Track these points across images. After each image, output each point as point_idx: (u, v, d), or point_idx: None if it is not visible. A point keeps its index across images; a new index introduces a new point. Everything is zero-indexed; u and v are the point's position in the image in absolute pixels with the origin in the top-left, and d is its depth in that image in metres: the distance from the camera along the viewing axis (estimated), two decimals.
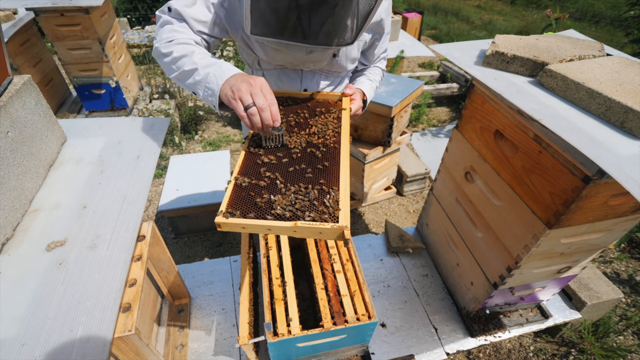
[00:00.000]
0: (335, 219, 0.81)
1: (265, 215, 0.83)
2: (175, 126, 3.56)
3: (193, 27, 1.07)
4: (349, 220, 0.81)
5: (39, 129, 1.17)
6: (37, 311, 0.83)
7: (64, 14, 2.70)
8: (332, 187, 0.90)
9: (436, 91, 4.16)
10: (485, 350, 1.92)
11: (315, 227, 0.79)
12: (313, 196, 0.86)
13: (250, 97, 0.89)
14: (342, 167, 0.96)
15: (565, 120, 1.03)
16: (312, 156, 0.99)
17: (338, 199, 0.86)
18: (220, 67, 0.96)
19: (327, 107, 1.19)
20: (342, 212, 0.83)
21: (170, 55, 1.01)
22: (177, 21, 1.06)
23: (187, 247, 2.52)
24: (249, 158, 0.99)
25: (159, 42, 1.04)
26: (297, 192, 0.88)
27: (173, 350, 1.51)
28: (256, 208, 0.84)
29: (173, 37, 1.03)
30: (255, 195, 0.87)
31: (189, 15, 1.05)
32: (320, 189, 0.89)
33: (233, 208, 0.85)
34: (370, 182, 2.67)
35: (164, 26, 1.06)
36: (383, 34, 1.28)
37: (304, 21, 0.95)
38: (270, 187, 0.90)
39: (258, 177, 0.92)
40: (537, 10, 8.22)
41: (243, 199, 0.87)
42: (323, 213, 0.82)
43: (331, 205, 0.84)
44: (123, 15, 6.26)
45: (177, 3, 1.05)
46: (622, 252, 2.50)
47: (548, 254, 1.30)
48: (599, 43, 1.35)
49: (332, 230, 0.79)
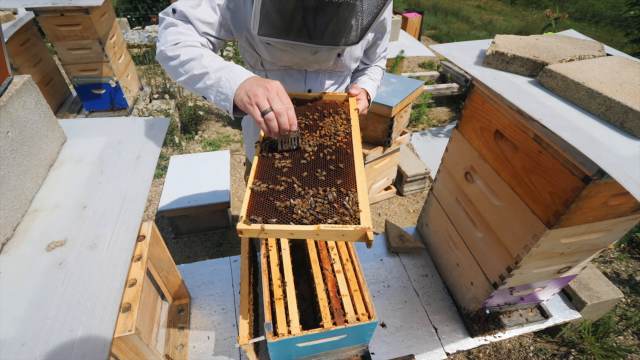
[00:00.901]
0: (356, 220, 0.81)
1: (287, 220, 0.82)
2: (175, 126, 3.56)
3: (199, 28, 1.05)
4: (371, 221, 0.81)
5: (39, 129, 1.17)
6: (37, 311, 0.83)
7: (64, 14, 2.70)
8: (350, 188, 0.89)
9: (436, 91, 4.16)
10: (485, 350, 1.92)
11: (338, 230, 0.79)
12: (332, 198, 0.86)
13: (267, 102, 0.88)
14: (357, 168, 0.95)
15: (565, 120, 1.03)
16: (326, 158, 0.98)
17: (357, 201, 0.86)
18: (232, 70, 0.94)
19: (334, 108, 1.19)
20: (363, 213, 0.83)
21: (178, 58, 0.99)
22: (183, 23, 1.04)
23: (187, 247, 2.52)
24: (263, 162, 0.98)
25: (164, 45, 1.01)
26: (316, 195, 0.87)
27: (173, 350, 1.51)
28: (277, 213, 0.84)
29: (179, 39, 1.00)
30: (275, 199, 0.86)
31: (195, 16, 1.03)
32: (339, 191, 0.88)
33: (254, 214, 0.84)
34: (370, 182, 2.67)
35: (168, 28, 1.04)
36: (385, 33, 1.28)
37: (309, 21, 0.95)
38: (289, 191, 0.89)
39: (275, 182, 0.91)
40: (537, 10, 8.22)
41: (262, 204, 0.86)
42: (344, 215, 0.82)
43: (351, 207, 0.84)
44: (123, 15, 6.26)
45: (182, 4, 1.03)
46: (622, 252, 2.50)
47: (548, 254, 1.30)
48: (599, 43, 1.35)
49: (355, 232, 0.79)
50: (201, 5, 1.04)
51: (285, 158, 0.98)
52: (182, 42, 1.00)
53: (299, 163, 0.97)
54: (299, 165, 0.97)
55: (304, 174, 0.94)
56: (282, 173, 0.94)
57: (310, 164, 0.97)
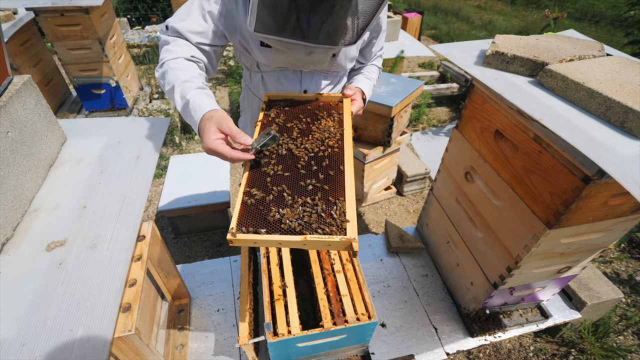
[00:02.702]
0: (343, 230, 0.83)
1: (276, 231, 0.84)
2: (175, 126, 3.56)
3: (191, 40, 1.07)
4: (357, 232, 0.83)
5: (39, 129, 1.17)
6: (37, 311, 0.83)
7: (64, 14, 2.70)
8: (338, 197, 0.90)
9: (436, 91, 4.16)
10: (485, 350, 1.92)
11: (324, 240, 0.81)
12: (320, 209, 0.87)
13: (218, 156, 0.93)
14: (347, 175, 0.96)
15: (565, 120, 1.03)
16: (317, 165, 0.99)
17: (345, 210, 0.87)
18: (191, 116, 0.97)
19: (328, 110, 1.18)
20: (350, 224, 0.84)
21: (163, 87, 1.04)
22: (174, 38, 1.06)
23: (187, 247, 2.52)
24: (253, 171, 0.99)
25: (157, 66, 1.07)
26: (304, 205, 0.89)
27: (173, 350, 1.51)
28: (266, 223, 0.86)
29: (163, 58, 1.04)
30: (264, 209, 0.88)
31: (185, 28, 1.05)
32: (327, 200, 0.89)
33: (243, 224, 0.86)
34: (370, 182, 2.67)
35: (162, 47, 1.07)
36: (380, 32, 1.28)
37: (304, 20, 0.95)
38: (278, 200, 0.90)
39: (266, 191, 0.92)
40: (537, 10, 8.21)
41: (252, 214, 0.88)
42: (331, 225, 0.84)
43: (338, 217, 0.85)
44: (123, 15, 6.26)
45: (172, 19, 1.06)
46: (622, 252, 2.50)
47: (548, 254, 1.30)
48: (599, 43, 1.35)
49: (341, 242, 0.81)
50: (191, 16, 1.05)
51: (276, 164, 0.99)
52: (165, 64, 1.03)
53: (290, 170, 0.97)
54: (290, 173, 0.97)
55: (295, 180, 0.95)
56: (273, 181, 0.95)
57: (300, 171, 0.97)
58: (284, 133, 1.08)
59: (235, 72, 4.50)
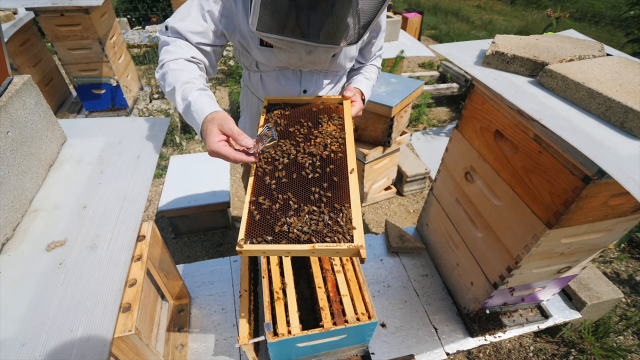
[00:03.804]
0: (350, 238, 0.83)
1: (284, 240, 0.85)
2: (175, 126, 3.56)
3: (191, 40, 1.06)
4: (364, 239, 0.84)
5: (39, 129, 1.17)
6: (37, 311, 0.83)
7: (64, 14, 2.70)
8: (343, 204, 0.90)
9: (436, 91, 4.16)
10: (485, 350, 1.92)
11: (332, 248, 0.82)
12: (327, 217, 0.88)
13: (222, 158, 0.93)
14: (351, 180, 0.96)
15: (565, 120, 1.03)
16: (321, 170, 0.99)
17: (351, 217, 0.87)
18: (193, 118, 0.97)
19: (329, 113, 1.18)
20: (357, 231, 0.84)
21: (163, 88, 1.04)
22: (174, 39, 1.06)
23: (187, 247, 2.52)
24: (258, 179, 0.98)
25: (157, 67, 1.06)
26: (311, 213, 0.89)
27: (173, 350, 1.51)
28: (274, 233, 0.86)
29: (163, 59, 1.04)
30: (271, 219, 0.88)
31: (185, 29, 1.05)
32: (333, 207, 0.90)
33: (251, 235, 0.86)
34: (370, 182, 2.67)
35: (162, 48, 1.07)
36: (380, 32, 1.28)
37: (304, 20, 0.95)
38: (285, 209, 0.90)
39: (272, 199, 0.93)
40: (537, 10, 8.22)
41: (259, 224, 0.88)
42: (338, 233, 0.84)
43: (345, 225, 0.86)
44: (123, 15, 6.26)
45: (172, 20, 1.06)
46: (622, 252, 2.50)
47: (548, 254, 1.30)
48: (599, 43, 1.35)
49: (349, 249, 0.82)
50: (190, 16, 1.05)
51: (280, 171, 0.99)
52: (165, 65, 1.03)
53: (295, 177, 0.97)
54: (295, 179, 0.97)
55: (299, 189, 0.95)
56: (278, 189, 0.95)
57: (305, 178, 0.97)
58: (287, 139, 1.08)
59: (235, 72, 4.50)
